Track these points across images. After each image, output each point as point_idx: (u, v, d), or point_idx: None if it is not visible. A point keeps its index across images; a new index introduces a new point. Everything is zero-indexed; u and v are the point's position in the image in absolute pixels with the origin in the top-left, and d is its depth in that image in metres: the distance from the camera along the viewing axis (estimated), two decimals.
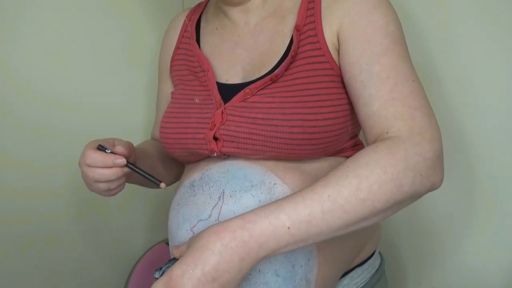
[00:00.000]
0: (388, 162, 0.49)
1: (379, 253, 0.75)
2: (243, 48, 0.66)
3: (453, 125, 0.71)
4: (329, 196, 0.48)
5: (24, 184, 0.84)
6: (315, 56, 0.59)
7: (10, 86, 0.81)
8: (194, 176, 0.64)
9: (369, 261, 0.70)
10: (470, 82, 0.69)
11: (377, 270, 0.71)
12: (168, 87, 0.79)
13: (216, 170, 0.62)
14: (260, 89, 0.60)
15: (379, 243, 0.74)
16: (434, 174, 0.50)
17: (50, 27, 0.86)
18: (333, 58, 0.59)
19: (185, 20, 0.77)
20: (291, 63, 0.60)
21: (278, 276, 0.55)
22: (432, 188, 0.51)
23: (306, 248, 0.56)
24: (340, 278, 0.67)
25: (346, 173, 0.49)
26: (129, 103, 1.00)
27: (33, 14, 0.83)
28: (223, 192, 0.59)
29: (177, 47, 0.75)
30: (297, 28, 0.61)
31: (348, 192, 0.47)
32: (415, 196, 0.50)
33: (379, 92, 0.54)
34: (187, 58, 0.72)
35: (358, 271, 0.68)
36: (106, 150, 0.60)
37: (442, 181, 0.52)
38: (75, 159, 0.83)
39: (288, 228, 0.47)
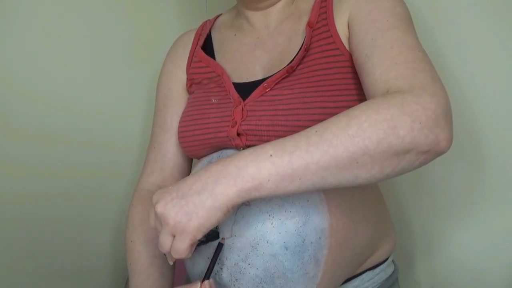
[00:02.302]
0: (382, 106, 0.45)
1: (393, 261, 0.72)
2: (263, 49, 0.68)
3: (458, 122, 0.68)
4: (316, 131, 0.46)
5: (24, 187, 0.83)
6: (329, 50, 0.60)
7: (9, 87, 0.81)
8: (212, 155, 0.65)
9: (381, 266, 0.67)
10: (473, 76, 0.70)
11: (388, 277, 0.68)
12: (179, 105, 0.75)
13: (234, 150, 0.63)
14: (278, 83, 0.61)
15: (393, 253, 0.71)
16: (438, 127, 0.44)
17: (51, 28, 0.85)
18: (346, 49, 0.60)
19: (197, 31, 0.77)
20: (305, 56, 0.61)
21: (286, 249, 0.53)
22: (437, 145, 0.45)
23: (318, 225, 0.54)
24: (350, 280, 0.65)
25: (337, 116, 0.47)
26: (130, 105, 0.97)
27: (33, 14, 0.82)
28: None
29: (191, 61, 0.75)
30: (310, 25, 0.63)
31: (336, 128, 0.45)
32: (416, 149, 0.45)
33: (381, 60, 0.52)
34: (201, 71, 0.72)
35: (369, 274, 0.66)
36: None
37: (450, 144, 0.46)
38: (74, 161, 0.85)
39: (271, 155, 0.46)
